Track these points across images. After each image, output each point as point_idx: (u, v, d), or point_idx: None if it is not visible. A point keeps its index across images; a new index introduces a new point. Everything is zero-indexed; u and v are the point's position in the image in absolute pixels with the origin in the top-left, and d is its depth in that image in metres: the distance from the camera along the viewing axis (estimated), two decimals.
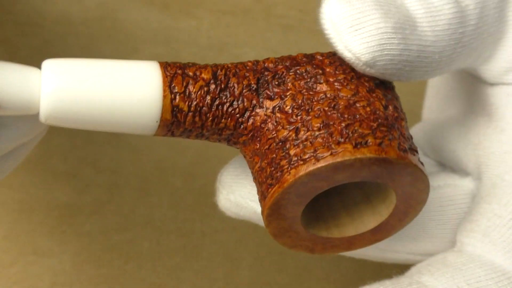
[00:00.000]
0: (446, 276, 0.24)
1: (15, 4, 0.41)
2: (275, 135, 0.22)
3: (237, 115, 0.22)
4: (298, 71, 0.23)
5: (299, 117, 0.22)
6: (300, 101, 0.22)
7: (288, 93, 0.22)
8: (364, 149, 0.21)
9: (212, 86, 0.22)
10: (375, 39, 0.21)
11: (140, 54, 0.42)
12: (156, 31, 0.42)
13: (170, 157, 0.42)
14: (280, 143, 0.22)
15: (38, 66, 0.42)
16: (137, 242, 0.42)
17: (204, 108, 0.22)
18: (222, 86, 0.22)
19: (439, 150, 0.29)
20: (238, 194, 0.26)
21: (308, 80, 0.22)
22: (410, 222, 0.24)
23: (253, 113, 0.22)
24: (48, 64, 0.22)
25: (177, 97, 0.22)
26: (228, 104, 0.22)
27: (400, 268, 0.26)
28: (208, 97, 0.22)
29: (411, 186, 0.22)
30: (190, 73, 0.22)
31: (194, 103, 0.22)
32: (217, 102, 0.22)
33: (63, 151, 0.42)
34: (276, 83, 0.22)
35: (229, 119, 0.22)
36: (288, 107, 0.22)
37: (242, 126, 0.22)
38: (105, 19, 0.42)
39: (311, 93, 0.22)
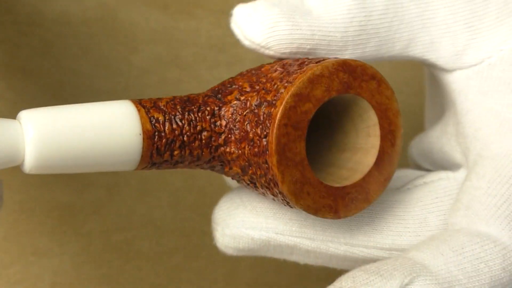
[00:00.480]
0: (430, 247, 0.25)
1: (15, 4, 0.41)
2: (249, 107, 0.24)
3: (208, 117, 0.24)
4: (241, 74, 0.26)
5: (260, 84, 0.25)
6: (254, 79, 0.25)
7: (241, 83, 0.25)
8: (325, 62, 0.24)
9: (177, 100, 0.25)
10: (264, 24, 0.25)
11: (140, 54, 0.42)
12: (156, 31, 0.42)
13: None
14: (256, 106, 0.24)
15: (38, 66, 0.42)
16: (137, 242, 0.42)
17: (177, 115, 0.24)
18: (185, 99, 0.25)
19: (430, 153, 0.29)
20: (233, 226, 0.26)
21: (253, 72, 0.25)
22: (400, 147, 0.26)
23: (221, 111, 0.25)
24: (26, 114, 0.22)
25: (150, 110, 0.24)
26: (196, 109, 0.24)
27: None
28: (178, 107, 0.24)
29: (380, 94, 0.25)
30: (153, 98, 0.25)
31: (167, 112, 0.24)
32: (186, 109, 0.24)
33: None
34: (228, 86, 0.25)
35: (203, 121, 0.24)
36: (247, 88, 0.25)
37: (216, 124, 0.24)
38: (105, 19, 0.42)
39: (260, 73, 0.25)
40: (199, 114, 0.24)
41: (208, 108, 0.24)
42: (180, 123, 0.24)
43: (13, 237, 0.41)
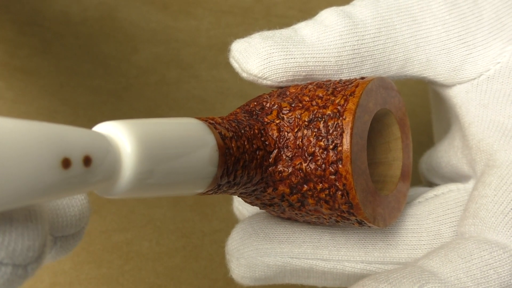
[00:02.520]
0: (439, 255, 0.25)
1: (15, 4, 0.41)
2: (301, 124, 0.24)
3: (258, 135, 0.24)
4: (262, 97, 0.26)
5: (305, 102, 0.25)
6: (290, 100, 0.25)
7: (276, 102, 0.25)
8: (370, 77, 0.25)
9: (228, 119, 0.24)
10: (258, 56, 0.26)
11: (140, 54, 0.42)
12: (156, 31, 0.42)
13: None
14: (310, 122, 0.24)
15: (38, 66, 0.42)
16: (137, 242, 0.42)
17: (237, 132, 0.24)
18: (232, 118, 0.24)
19: (439, 168, 0.30)
20: (247, 254, 0.26)
21: (280, 93, 0.26)
22: (412, 159, 0.27)
23: (267, 130, 0.25)
24: (122, 126, 0.20)
25: (216, 126, 0.23)
26: (247, 128, 0.24)
27: None
28: (233, 124, 0.24)
29: (400, 110, 0.26)
30: (205, 117, 0.25)
31: (229, 128, 0.23)
32: (240, 127, 0.24)
33: None
34: (259, 107, 0.26)
35: (256, 139, 0.24)
36: (288, 107, 0.25)
37: (266, 143, 0.24)
38: (104, 18, 0.42)
39: (293, 94, 0.25)
40: (250, 132, 0.24)
41: (256, 127, 0.24)
42: (240, 141, 0.23)
43: None
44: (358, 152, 0.24)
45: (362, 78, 0.25)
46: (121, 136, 0.19)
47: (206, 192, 0.22)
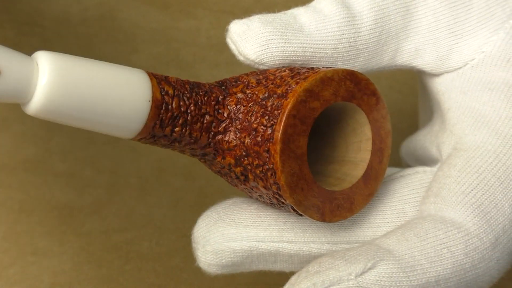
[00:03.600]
0: (396, 233, 0.25)
1: (15, 4, 0.41)
2: (255, 100, 0.25)
3: (213, 102, 0.25)
4: (245, 74, 0.26)
5: (268, 81, 0.25)
6: (261, 77, 0.26)
7: (247, 79, 0.26)
8: (336, 68, 0.25)
9: (186, 81, 0.25)
10: (257, 42, 0.26)
11: (140, 54, 0.42)
12: (156, 31, 0.42)
13: (169, 157, 0.42)
14: (263, 99, 0.25)
15: None
16: (137, 242, 0.42)
17: (186, 94, 0.25)
18: (192, 82, 0.25)
19: (414, 150, 0.30)
20: (213, 241, 0.27)
21: (258, 72, 0.26)
22: (386, 165, 0.27)
23: (225, 100, 0.25)
24: (46, 57, 0.22)
25: (161, 82, 0.24)
26: (202, 93, 0.25)
27: None
28: (187, 86, 0.25)
29: (377, 111, 0.26)
30: (164, 74, 0.26)
31: (176, 88, 0.24)
32: (194, 90, 0.25)
33: (63, 151, 0.42)
34: (233, 81, 0.26)
35: (208, 105, 0.25)
36: (254, 83, 0.25)
37: (219, 111, 0.25)
38: (104, 18, 0.42)
39: (266, 72, 0.26)
40: (205, 98, 0.25)
41: (214, 95, 0.25)
42: (187, 101, 0.24)
43: (13, 237, 0.41)
44: (294, 135, 0.24)
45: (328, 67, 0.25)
46: (44, 66, 0.21)
47: (140, 139, 0.24)
